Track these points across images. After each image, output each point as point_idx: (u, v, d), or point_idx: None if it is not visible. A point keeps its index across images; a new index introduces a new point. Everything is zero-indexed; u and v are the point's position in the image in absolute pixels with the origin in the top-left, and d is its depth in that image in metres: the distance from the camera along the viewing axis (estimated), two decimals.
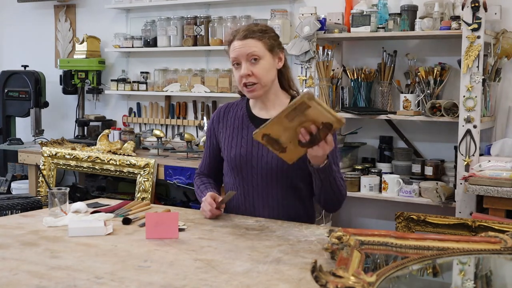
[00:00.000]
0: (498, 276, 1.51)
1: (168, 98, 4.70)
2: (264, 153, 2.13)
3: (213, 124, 2.30)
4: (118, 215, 2.10)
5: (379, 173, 3.63)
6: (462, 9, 3.20)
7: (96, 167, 3.98)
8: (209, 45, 4.38)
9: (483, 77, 3.20)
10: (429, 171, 3.53)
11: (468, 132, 3.20)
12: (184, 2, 4.50)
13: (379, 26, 3.59)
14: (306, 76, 3.69)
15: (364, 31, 3.56)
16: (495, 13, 3.35)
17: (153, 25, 4.61)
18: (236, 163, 2.17)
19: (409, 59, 3.64)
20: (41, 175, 4.02)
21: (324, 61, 3.64)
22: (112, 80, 4.80)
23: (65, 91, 4.94)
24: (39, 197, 3.56)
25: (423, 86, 3.51)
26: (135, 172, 3.84)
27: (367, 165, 3.74)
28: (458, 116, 3.24)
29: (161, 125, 4.73)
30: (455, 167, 3.34)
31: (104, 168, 3.95)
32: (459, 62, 3.26)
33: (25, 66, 4.95)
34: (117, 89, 4.76)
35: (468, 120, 3.20)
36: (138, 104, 4.86)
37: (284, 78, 2.22)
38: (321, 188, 2.06)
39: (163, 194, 4.43)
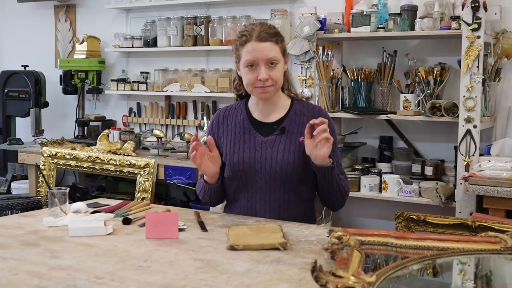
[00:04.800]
0: (498, 276, 1.51)
1: (168, 98, 4.70)
2: (268, 157, 2.13)
3: (212, 129, 2.28)
4: (118, 215, 2.10)
5: (379, 173, 3.63)
6: (462, 9, 3.20)
7: (96, 167, 3.98)
8: (209, 45, 4.38)
9: (483, 77, 3.19)
10: (429, 171, 3.53)
11: (468, 132, 3.20)
12: (184, 2, 4.50)
13: (379, 26, 3.59)
14: (306, 76, 3.69)
15: (364, 31, 3.56)
16: (495, 13, 3.35)
17: (153, 25, 4.61)
18: (239, 168, 2.16)
19: (409, 59, 3.64)
20: (41, 175, 4.02)
21: (324, 61, 3.64)
22: (112, 80, 4.80)
23: (65, 91, 4.94)
24: (39, 197, 3.56)
25: (423, 86, 3.51)
26: (135, 172, 3.84)
27: (367, 165, 3.74)
28: (458, 116, 3.24)
29: (161, 125, 4.73)
30: (455, 167, 3.34)
31: (104, 168, 3.95)
32: (459, 62, 3.26)
33: (25, 66, 4.95)
34: (117, 89, 4.76)
35: (468, 120, 3.19)
36: (138, 104, 4.86)
37: (285, 80, 2.22)
38: (325, 187, 2.10)
39: (163, 194, 4.43)
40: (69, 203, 2.17)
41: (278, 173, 2.12)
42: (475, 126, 3.18)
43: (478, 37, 3.14)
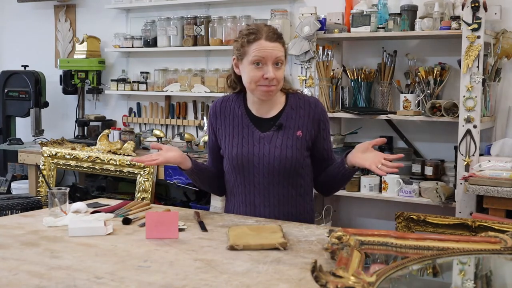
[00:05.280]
0: (498, 276, 1.51)
1: (168, 98, 4.70)
2: (266, 152, 2.14)
3: (210, 120, 2.29)
4: (118, 215, 2.10)
5: None
6: (462, 9, 3.20)
7: (96, 167, 3.98)
8: (209, 45, 4.38)
9: (483, 77, 3.20)
10: (429, 171, 3.53)
11: (468, 132, 3.20)
12: (184, 2, 4.50)
13: (379, 26, 3.59)
14: (306, 76, 3.69)
15: (364, 31, 3.56)
16: (495, 13, 3.35)
17: (153, 25, 4.61)
18: (237, 162, 2.17)
19: (409, 59, 3.64)
20: (41, 175, 4.02)
21: (324, 61, 3.64)
22: (112, 80, 4.81)
23: (65, 91, 4.94)
24: (39, 197, 3.56)
25: (423, 86, 3.51)
26: (135, 172, 3.84)
27: None
28: (458, 116, 3.24)
29: (161, 125, 4.73)
30: (455, 167, 3.34)
31: (104, 168, 3.95)
32: (459, 62, 3.26)
33: (25, 66, 4.95)
34: (117, 89, 4.76)
35: (468, 120, 3.20)
36: (138, 104, 4.86)
37: None
38: (339, 181, 2.23)
39: (163, 194, 4.43)
40: (69, 203, 2.17)
41: (276, 168, 2.14)
42: (475, 126, 3.18)
43: (478, 37, 3.14)
